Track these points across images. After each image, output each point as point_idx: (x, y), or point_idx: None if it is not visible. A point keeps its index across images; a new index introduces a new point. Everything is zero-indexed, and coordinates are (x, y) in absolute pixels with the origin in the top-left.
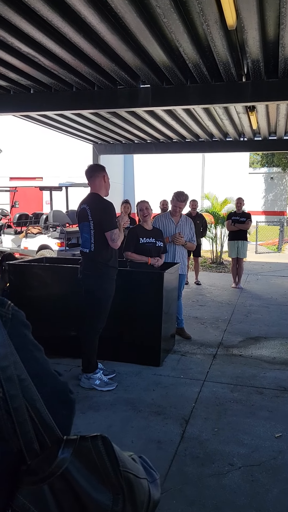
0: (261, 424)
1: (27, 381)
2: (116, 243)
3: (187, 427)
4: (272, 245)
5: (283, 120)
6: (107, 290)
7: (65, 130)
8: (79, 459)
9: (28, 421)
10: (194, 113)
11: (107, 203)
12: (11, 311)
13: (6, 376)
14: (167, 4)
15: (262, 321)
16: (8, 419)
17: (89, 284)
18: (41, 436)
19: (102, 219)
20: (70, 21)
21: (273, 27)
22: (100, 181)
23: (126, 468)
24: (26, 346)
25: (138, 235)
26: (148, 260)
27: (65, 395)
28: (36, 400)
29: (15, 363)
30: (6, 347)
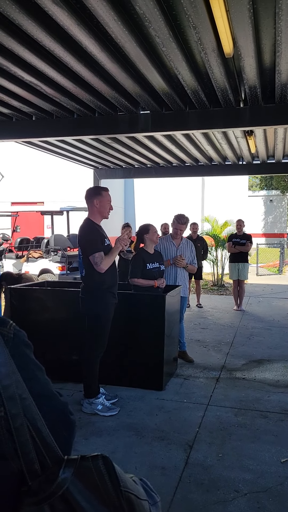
0: (266, 449)
1: (29, 401)
2: (100, 266)
3: (191, 453)
4: (273, 267)
5: (280, 143)
6: (102, 314)
7: (66, 156)
8: (80, 479)
9: (29, 441)
10: (193, 138)
11: (88, 227)
12: (12, 330)
13: (7, 395)
14: (165, 33)
15: (265, 343)
16: (9, 438)
17: (84, 308)
18: (42, 456)
19: (85, 244)
20: (71, 50)
21: (269, 54)
22: (92, 206)
23: (127, 489)
24: (27, 366)
25: (144, 261)
26: (155, 283)
27: (65, 416)
28: (37, 420)
29: (17, 382)
30: (8, 366)
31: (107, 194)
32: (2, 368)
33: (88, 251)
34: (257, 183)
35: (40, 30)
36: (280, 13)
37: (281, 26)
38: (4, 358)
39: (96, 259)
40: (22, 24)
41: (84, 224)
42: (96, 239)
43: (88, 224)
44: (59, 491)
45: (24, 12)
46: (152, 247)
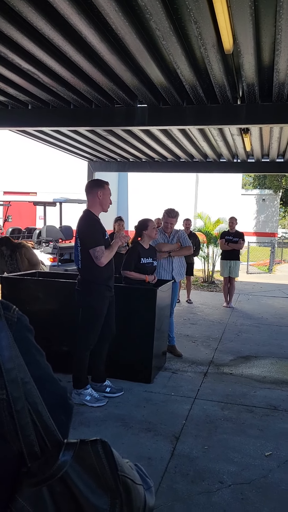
0: (251, 443)
1: (30, 384)
2: (100, 260)
3: (178, 444)
4: (263, 265)
5: (276, 143)
6: (96, 308)
7: (61, 147)
8: (79, 463)
9: (30, 424)
10: (189, 134)
11: (90, 219)
12: (16, 315)
13: (10, 378)
14: (166, 27)
15: (253, 340)
16: (11, 421)
17: (79, 300)
18: (42, 439)
19: (85, 237)
20: (71, 40)
21: (268, 53)
22: (94, 198)
23: (124, 473)
24: (29, 350)
25: (139, 255)
26: (146, 278)
27: (64, 400)
28: (38, 404)
29: (19, 366)
30: (11, 350)
31: (108, 188)
32: (5, 352)
33: (89, 244)
34: (251, 181)
35: (40, 18)
36: (281, 11)
37: (281, 24)
38: (8, 342)
39: (97, 253)
40: (22, 11)
41: (85, 216)
42: (98, 232)
43: (89, 216)
44: (58, 474)
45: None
46: (149, 242)
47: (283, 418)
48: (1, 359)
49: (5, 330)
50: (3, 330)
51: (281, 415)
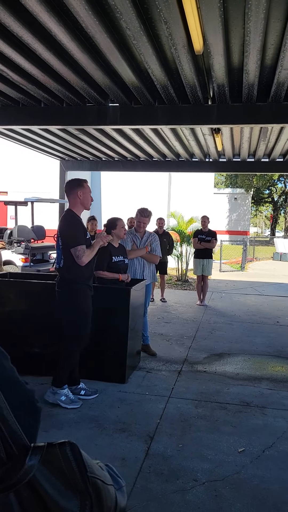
0: (224, 439)
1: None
2: (81, 260)
3: (152, 444)
4: (235, 263)
5: (246, 143)
6: (80, 307)
7: (32, 145)
8: (47, 466)
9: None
10: (161, 133)
11: (72, 219)
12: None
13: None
14: (136, 26)
15: (226, 337)
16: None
17: (61, 302)
18: (8, 444)
19: (67, 235)
20: (40, 37)
21: (237, 54)
22: (75, 198)
23: (94, 474)
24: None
25: (111, 254)
26: (119, 276)
27: (32, 403)
28: (3, 408)
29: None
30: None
31: (88, 186)
32: None
33: (70, 243)
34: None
35: (8, 15)
36: (249, 13)
37: (249, 26)
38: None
39: (78, 252)
40: None
41: (67, 215)
42: (79, 231)
43: (71, 215)
44: (25, 479)
45: None
46: (118, 241)
47: (256, 414)
48: None
49: None
50: None
51: (254, 411)
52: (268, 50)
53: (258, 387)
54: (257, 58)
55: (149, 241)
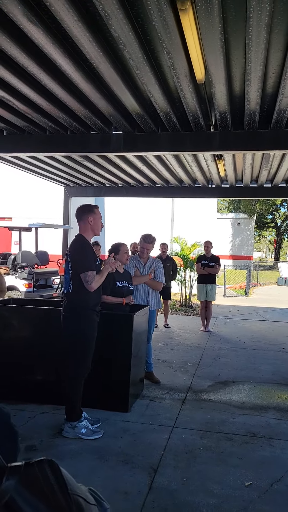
0: (231, 472)
1: None
2: (90, 285)
3: (156, 477)
4: (239, 288)
5: (248, 169)
6: (86, 333)
7: (37, 172)
8: (25, 486)
9: None
10: (164, 160)
11: (82, 244)
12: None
13: None
14: (139, 57)
15: (231, 365)
16: None
17: (67, 326)
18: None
19: (76, 260)
20: (45, 68)
21: (239, 82)
22: (85, 224)
23: (75, 492)
24: None
25: (114, 279)
26: (123, 300)
27: (8, 426)
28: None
29: None
30: None
31: (99, 212)
32: None
33: (80, 268)
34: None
35: (14, 47)
36: (250, 44)
37: (250, 56)
38: None
39: (88, 278)
40: None
41: (78, 240)
42: (90, 257)
43: (82, 240)
44: (1, 501)
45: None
46: (122, 267)
47: (263, 446)
48: None
49: None
50: None
51: (261, 443)
52: (269, 78)
53: (264, 417)
54: (258, 87)
55: (152, 268)
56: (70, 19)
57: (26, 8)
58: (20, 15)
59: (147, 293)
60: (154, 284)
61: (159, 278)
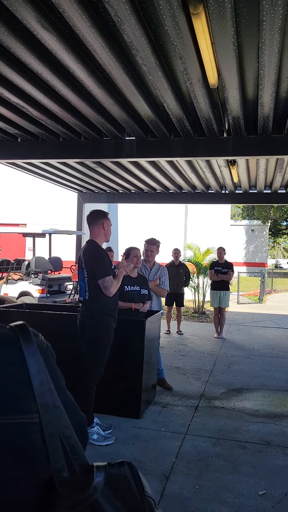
0: (244, 481)
1: (60, 409)
2: (109, 290)
3: (167, 484)
4: (253, 295)
5: (262, 174)
6: (103, 339)
7: (51, 178)
8: (108, 486)
9: (60, 448)
10: (177, 165)
11: (98, 250)
12: (45, 341)
13: (42, 402)
14: (152, 62)
15: (245, 372)
16: (43, 445)
17: (84, 332)
18: (71, 463)
19: (93, 267)
20: (59, 74)
21: (252, 87)
22: (99, 228)
23: (149, 494)
24: (56, 376)
25: (123, 283)
26: (132, 305)
27: (83, 429)
28: (67, 427)
29: (50, 391)
30: (43, 375)
31: (109, 219)
32: (37, 376)
33: (98, 274)
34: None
35: (28, 53)
36: (263, 47)
37: (264, 60)
38: (39, 367)
39: (107, 283)
40: (11, 47)
41: (92, 246)
42: (106, 262)
43: (96, 246)
44: (93, 496)
45: (13, 35)
46: (135, 271)
47: (277, 454)
48: (34, 383)
49: (37, 355)
50: (35, 355)
51: (275, 451)
52: (283, 83)
53: (279, 425)
54: (272, 91)
55: (158, 275)
56: (83, 25)
57: (39, 14)
58: (34, 22)
59: (159, 298)
60: (159, 291)
61: (164, 285)
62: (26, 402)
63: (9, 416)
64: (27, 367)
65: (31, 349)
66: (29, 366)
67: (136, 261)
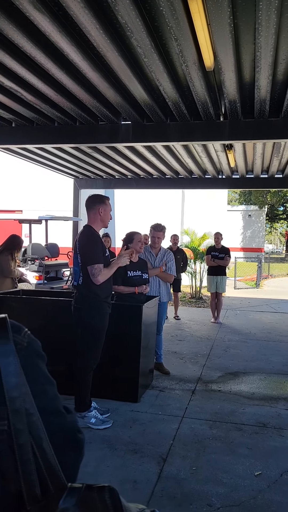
0: (240, 462)
1: (35, 416)
2: (96, 278)
3: (165, 466)
4: (250, 281)
5: (259, 159)
6: (97, 324)
7: (46, 164)
8: (82, 510)
9: (31, 461)
10: (173, 150)
11: (91, 236)
12: (26, 339)
13: (13, 408)
14: (147, 44)
15: (241, 356)
16: (11, 456)
17: (78, 318)
18: (44, 479)
19: (84, 253)
20: (53, 57)
21: (249, 69)
22: (95, 214)
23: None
24: (37, 378)
25: (126, 268)
26: (135, 289)
27: (73, 434)
28: (43, 439)
29: (25, 395)
30: (17, 377)
31: (109, 203)
32: (11, 379)
33: (88, 260)
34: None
35: (21, 36)
36: (259, 28)
37: (260, 42)
38: (15, 368)
39: (95, 271)
40: (3, 29)
41: (87, 231)
42: (98, 248)
43: (91, 231)
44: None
45: (5, 17)
46: (136, 255)
47: (273, 436)
48: (6, 386)
49: (12, 355)
50: (11, 355)
51: (270, 433)
52: (280, 65)
53: (275, 408)
54: (269, 74)
55: (164, 261)
56: (77, 5)
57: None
58: (26, 2)
59: (158, 285)
60: (166, 277)
61: (170, 270)
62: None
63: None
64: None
65: (5, 348)
66: (1, 367)
67: (140, 246)
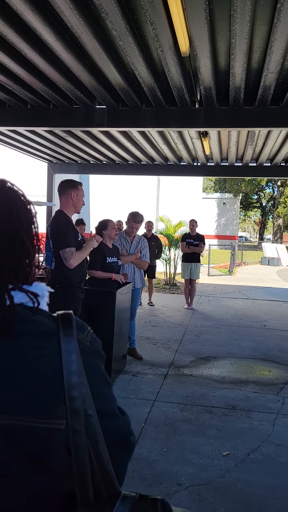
0: (209, 443)
1: (94, 418)
2: (69, 262)
3: (136, 448)
4: (223, 268)
5: (234, 147)
6: (70, 310)
7: (19, 148)
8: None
9: (87, 463)
10: (149, 136)
11: (62, 220)
12: (89, 338)
13: (73, 407)
14: (122, 27)
15: (213, 341)
16: (66, 456)
17: (52, 304)
18: (98, 483)
19: (56, 237)
20: (25, 37)
21: (224, 57)
22: (67, 199)
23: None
24: (97, 379)
25: (105, 254)
26: (112, 276)
27: (126, 438)
28: (100, 442)
29: (85, 396)
30: (80, 377)
31: (82, 189)
32: (73, 378)
33: (60, 244)
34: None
35: None
36: (235, 15)
37: (235, 29)
38: (77, 367)
39: (66, 254)
40: None
41: (58, 216)
42: (70, 233)
43: (62, 216)
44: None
45: None
46: (111, 242)
47: (241, 418)
48: (67, 385)
49: (75, 353)
50: (74, 353)
51: (239, 415)
52: (255, 53)
53: (244, 391)
54: (244, 61)
55: (139, 248)
56: None
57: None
58: None
59: (133, 271)
60: (140, 263)
61: (145, 257)
62: (54, 405)
63: (31, 418)
64: (61, 365)
65: (70, 345)
66: (65, 363)
67: (115, 232)
